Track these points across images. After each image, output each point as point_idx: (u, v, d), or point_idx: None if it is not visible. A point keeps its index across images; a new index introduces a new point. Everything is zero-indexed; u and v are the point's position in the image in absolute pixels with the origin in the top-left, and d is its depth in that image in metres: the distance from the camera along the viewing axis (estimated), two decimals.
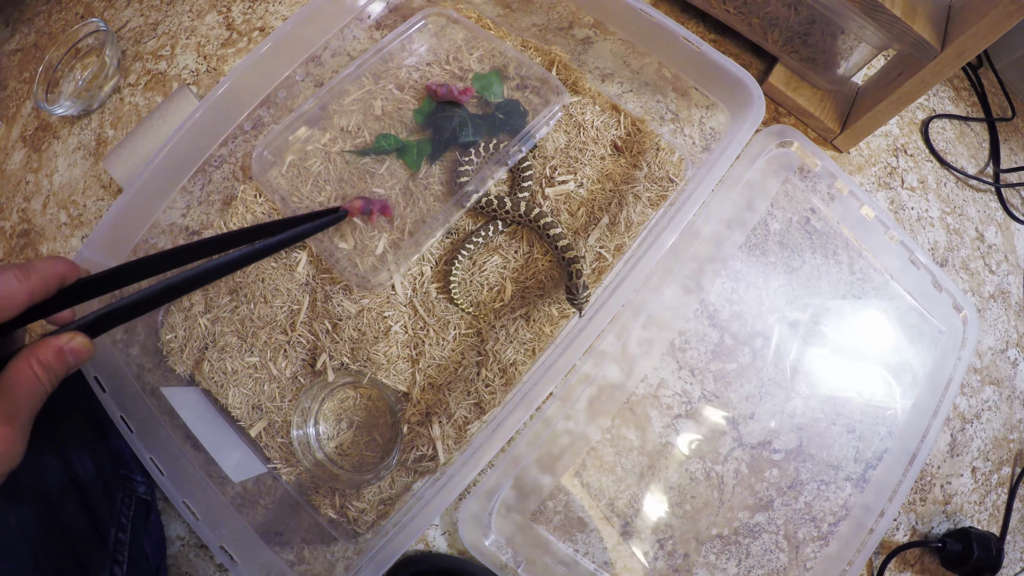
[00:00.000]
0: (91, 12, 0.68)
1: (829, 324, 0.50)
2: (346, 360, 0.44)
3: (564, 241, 0.41)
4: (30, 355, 0.24)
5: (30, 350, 0.25)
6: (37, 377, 0.24)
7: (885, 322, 0.52)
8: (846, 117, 0.54)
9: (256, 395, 0.46)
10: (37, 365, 0.24)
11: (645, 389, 0.45)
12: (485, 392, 0.42)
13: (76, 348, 0.26)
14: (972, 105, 0.67)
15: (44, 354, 0.25)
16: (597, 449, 0.45)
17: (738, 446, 0.46)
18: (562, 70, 0.48)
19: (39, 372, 0.24)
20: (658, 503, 0.45)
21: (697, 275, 0.47)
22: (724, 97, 0.43)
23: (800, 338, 0.49)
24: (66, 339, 0.26)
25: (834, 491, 0.49)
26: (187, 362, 0.47)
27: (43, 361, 0.25)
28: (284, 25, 0.47)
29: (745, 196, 0.49)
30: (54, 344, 0.25)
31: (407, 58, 0.48)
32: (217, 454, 0.45)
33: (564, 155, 0.45)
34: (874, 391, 0.50)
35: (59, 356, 0.25)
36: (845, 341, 0.50)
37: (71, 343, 0.26)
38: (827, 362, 0.49)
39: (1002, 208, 0.63)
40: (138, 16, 0.66)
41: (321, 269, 0.45)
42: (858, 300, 0.51)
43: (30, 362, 0.24)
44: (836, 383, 0.49)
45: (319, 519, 0.46)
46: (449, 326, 0.42)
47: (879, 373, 0.51)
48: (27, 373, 0.24)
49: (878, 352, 0.51)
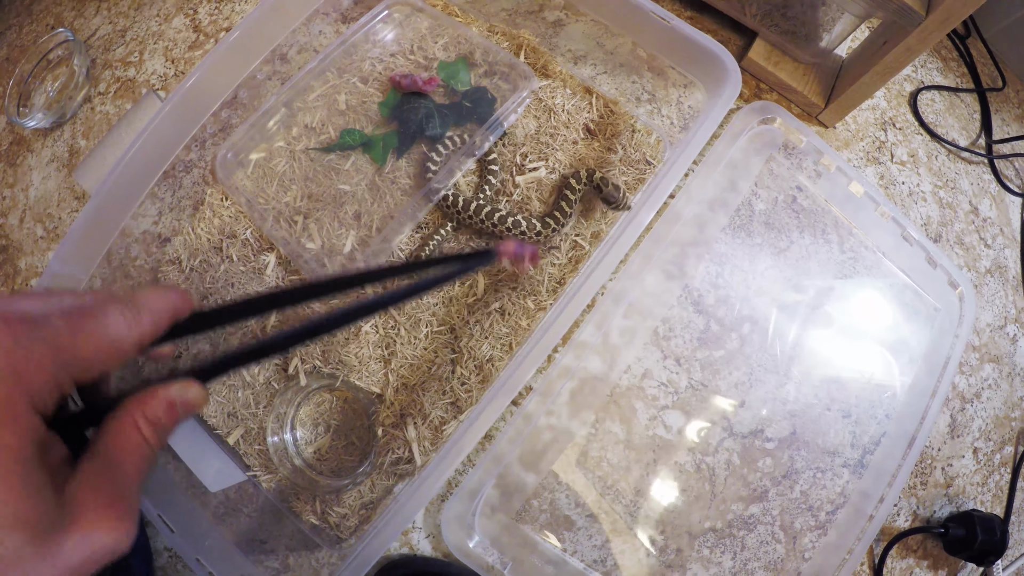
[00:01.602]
0: (61, 22, 0.65)
1: (820, 306, 0.46)
2: (318, 363, 0.41)
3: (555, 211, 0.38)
4: (136, 411, 0.18)
5: (135, 406, 0.19)
6: (146, 441, 0.18)
7: (879, 302, 0.48)
8: (831, 91, 0.50)
9: (231, 402, 0.43)
10: (145, 425, 0.18)
11: (629, 380, 0.42)
12: (461, 391, 0.39)
13: (190, 401, 0.20)
14: (961, 76, 0.62)
15: (153, 410, 0.19)
16: (581, 444, 0.42)
17: (729, 436, 0.43)
18: (531, 54, 0.44)
19: (147, 434, 0.18)
20: (648, 498, 0.42)
21: (680, 260, 0.44)
22: (699, 74, 0.40)
23: (790, 321, 0.45)
24: (178, 390, 0.19)
25: (831, 478, 0.45)
26: (162, 371, 0.45)
27: (152, 419, 0.19)
28: (243, 22, 0.43)
29: (727, 176, 0.46)
30: (164, 397, 0.19)
31: (371, 50, 0.45)
32: (196, 464, 0.42)
33: (535, 141, 0.42)
34: (870, 374, 0.47)
35: (171, 411, 0.19)
36: (838, 323, 0.47)
37: (185, 395, 0.19)
38: (820, 346, 0.46)
39: (996, 180, 0.59)
40: (107, 23, 0.63)
41: (290, 271, 0.42)
42: (850, 280, 0.48)
43: (136, 422, 0.18)
44: (830, 367, 0.46)
45: (301, 526, 0.43)
46: (420, 324, 0.39)
47: (874, 355, 0.47)
48: (135, 437, 0.18)
49: (873, 333, 0.47)
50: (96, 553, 0.17)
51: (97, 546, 0.17)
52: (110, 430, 0.18)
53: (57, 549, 0.16)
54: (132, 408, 0.19)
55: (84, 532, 0.17)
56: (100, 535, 0.17)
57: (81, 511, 0.17)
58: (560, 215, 0.39)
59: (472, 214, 0.39)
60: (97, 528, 0.17)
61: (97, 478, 0.18)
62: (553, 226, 0.39)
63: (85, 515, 0.17)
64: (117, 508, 0.17)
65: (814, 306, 0.46)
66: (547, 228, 0.39)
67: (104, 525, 0.17)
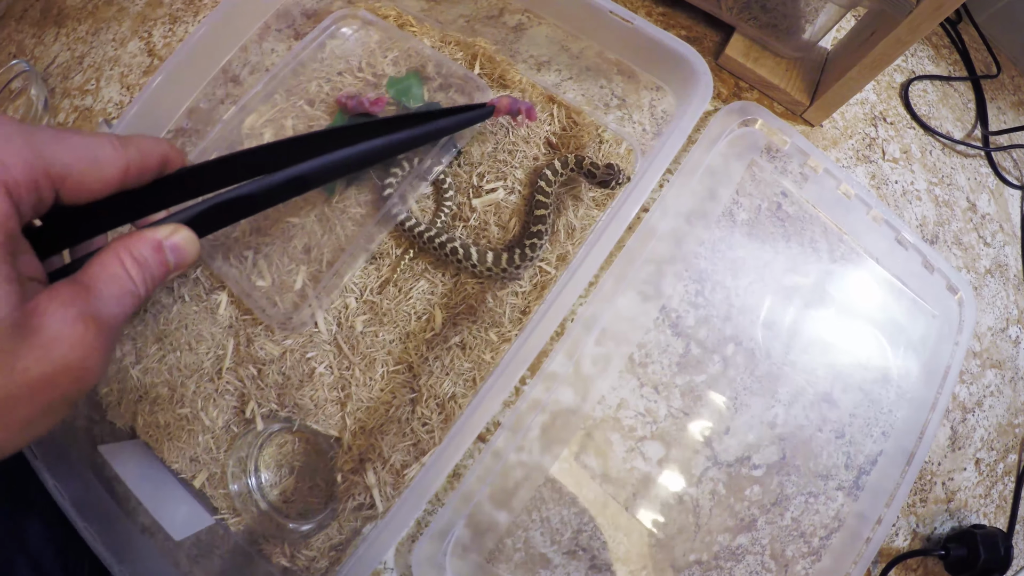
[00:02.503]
0: (23, 50, 0.61)
1: (810, 320, 0.42)
2: (274, 407, 0.37)
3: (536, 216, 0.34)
4: (121, 248, 0.17)
5: (120, 243, 0.17)
6: (129, 275, 0.17)
7: (872, 313, 0.43)
8: (815, 87, 0.45)
9: (192, 447, 0.40)
10: (130, 260, 0.17)
11: (603, 411, 0.38)
12: (422, 431, 0.35)
13: (179, 244, 0.18)
14: (954, 63, 0.56)
15: (138, 248, 0.17)
16: (555, 480, 0.38)
17: (713, 465, 0.39)
18: (486, 63, 0.39)
19: (131, 269, 0.17)
20: (627, 533, 0.38)
21: (655, 279, 0.39)
22: (667, 77, 0.35)
23: (777, 339, 0.41)
24: (166, 232, 0.18)
25: (824, 503, 0.41)
26: (125, 415, 0.41)
27: (137, 257, 0.17)
28: (185, 43, 0.39)
29: (706, 184, 0.41)
30: (151, 237, 0.18)
31: (318, 69, 0.41)
32: (161, 511, 0.39)
33: (492, 159, 0.37)
34: (865, 390, 0.42)
35: (157, 252, 0.18)
36: (829, 337, 0.42)
37: (173, 237, 0.18)
38: (810, 362, 0.41)
39: (994, 173, 0.53)
40: (65, 50, 0.59)
41: (243, 310, 0.38)
42: (840, 290, 0.43)
43: (120, 256, 0.17)
44: (821, 385, 0.41)
45: (272, 569, 0.40)
46: (376, 363, 0.35)
47: (869, 369, 0.43)
48: (117, 269, 0.17)
49: (867, 346, 0.43)
50: (58, 372, 0.14)
51: (59, 363, 0.14)
52: (92, 263, 0.17)
53: (12, 358, 0.14)
54: (118, 244, 0.17)
55: (45, 345, 0.14)
56: (63, 350, 0.14)
57: (44, 322, 0.14)
58: (537, 237, 0.34)
59: (426, 242, 0.35)
60: (60, 342, 0.14)
61: (70, 296, 0.15)
62: (530, 256, 0.34)
63: (50, 326, 0.14)
64: (87, 326, 0.15)
65: (802, 321, 0.41)
66: (524, 260, 0.34)
67: (69, 340, 0.15)
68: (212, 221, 0.19)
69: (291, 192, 0.21)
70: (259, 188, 0.20)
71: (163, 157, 0.19)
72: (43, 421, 0.15)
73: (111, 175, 0.17)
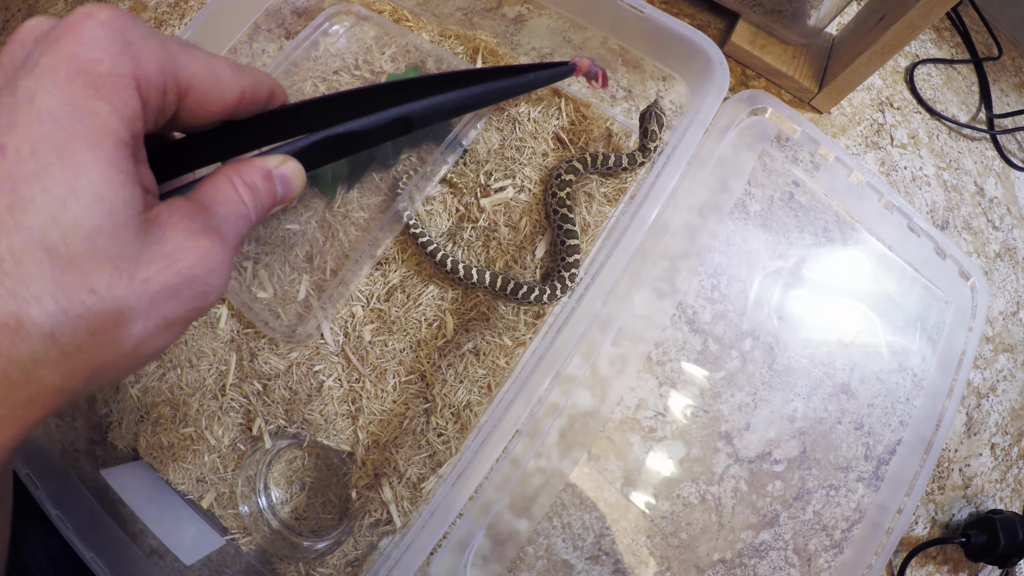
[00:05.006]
0: None
1: (826, 311, 0.41)
2: (282, 423, 0.36)
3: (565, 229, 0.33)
4: (232, 172, 0.17)
5: (232, 167, 0.17)
6: (241, 199, 0.17)
7: (886, 301, 0.43)
8: (823, 73, 0.44)
9: (197, 468, 0.38)
10: (242, 185, 0.17)
11: (622, 413, 0.37)
12: (438, 442, 0.34)
13: (287, 175, 0.18)
14: (956, 46, 0.56)
15: (250, 174, 0.17)
16: (575, 485, 0.37)
17: (734, 462, 0.38)
18: (488, 57, 0.38)
19: (244, 194, 0.17)
20: (650, 535, 0.37)
21: (670, 275, 0.38)
22: (680, 67, 0.34)
23: (795, 332, 0.40)
24: (276, 161, 0.18)
25: (845, 495, 0.41)
26: (127, 437, 0.40)
27: (248, 182, 0.17)
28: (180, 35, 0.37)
29: (717, 176, 0.40)
30: (261, 165, 0.17)
31: (312, 68, 0.39)
32: (169, 535, 0.37)
33: (499, 157, 0.36)
34: (881, 379, 0.42)
35: (267, 180, 0.17)
36: (845, 328, 0.41)
37: (282, 167, 0.18)
38: (827, 354, 0.41)
39: (1000, 156, 0.53)
40: None
41: (244, 323, 0.37)
42: (856, 280, 0.42)
43: (233, 180, 0.17)
44: (839, 376, 0.41)
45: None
46: (387, 374, 0.34)
47: (886, 359, 0.42)
48: (230, 191, 0.16)
49: (883, 336, 0.42)
50: (180, 284, 0.14)
51: (183, 275, 0.14)
52: (202, 185, 0.16)
53: (132, 264, 0.13)
54: (230, 169, 0.17)
55: (168, 255, 0.14)
56: (187, 261, 0.14)
57: (168, 232, 0.14)
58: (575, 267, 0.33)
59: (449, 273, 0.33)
60: (186, 253, 0.14)
61: (191, 210, 0.15)
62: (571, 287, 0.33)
63: (172, 237, 0.14)
64: (208, 238, 0.15)
65: (818, 313, 0.41)
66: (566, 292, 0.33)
67: (192, 252, 0.14)
68: (317, 156, 0.19)
69: (394, 132, 0.21)
70: (365, 126, 0.20)
71: (271, 89, 0.18)
72: (157, 340, 0.14)
73: (229, 96, 0.17)
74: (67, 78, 0.13)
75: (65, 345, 0.12)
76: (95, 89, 0.13)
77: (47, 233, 0.12)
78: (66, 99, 0.12)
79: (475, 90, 0.23)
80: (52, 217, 0.12)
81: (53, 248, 0.12)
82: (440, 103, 0.22)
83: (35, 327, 0.12)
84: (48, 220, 0.12)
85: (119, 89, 0.13)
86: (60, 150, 0.12)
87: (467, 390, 0.34)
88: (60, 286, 0.12)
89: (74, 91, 0.12)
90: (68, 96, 0.12)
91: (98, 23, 0.13)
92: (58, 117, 0.12)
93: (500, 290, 0.33)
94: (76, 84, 0.13)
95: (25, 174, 0.12)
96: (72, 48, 0.13)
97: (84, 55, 0.13)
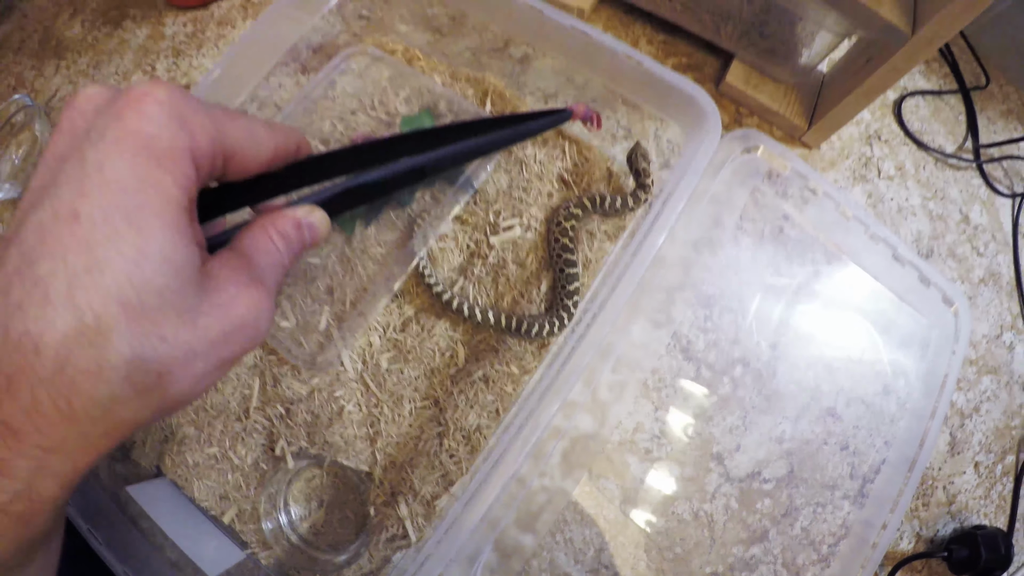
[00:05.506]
0: (22, 83, 0.61)
1: (813, 339, 0.44)
2: (304, 444, 0.38)
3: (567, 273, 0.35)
4: (268, 224, 0.18)
5: (267, 219, 0.19)
6: (277, 248, 0.18)
7: (873, 329, 0.45)
8: (813, 111, 0.47)
9: (221, 485, 0.41)
10: (276, 235, 0.18)
11: (621, 436, 0.40)
12: (451, 463, 0.36)
13: (314, 223, 0.20)
14: (944, 76, 0.58)
15: (282, 225, 0.19)
16: (577, 503, 0.39)
17: (725, 481, 0.41)
18: (497, 100, 0.41)
19: (279, 244, 0.18)
20: (646, 550, 0.40)
21: (666, 306, 0.41)
22: (676, 114, 0.36)
23: (782, 359, 0.43)
24: (304, 211, 0.19)
25: (831, 512, 0.43)
26: (150, 455, 0.43)
27: (282, 232, 0.18)
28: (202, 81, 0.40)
29: (711, 213, 0.43)
30: (291, 215, 0.19)
31: (330, 107, 0.41)
32: (193, 548, 0.40)
33: (507, 197, 0.38)
34: (867, 402, 0.44)
35: (298, 230, 0.19)
36: (831, 354, 0.44)
37: (310, 216, 0.19)
38: (814, 379, 0.43)
39: (985, 184, 0.55)
40: (67, 84, 0.59)
41: (267, 350, 0.39)
42: (842, 309, 0.45)
43: (269, 232, 0.18)
44: (825, 400, 0.43)
45: None
46: (404, 400, 0.37)
47: (871, 383, 0.45)
48: (268, 242, 0.18)
49: (868, 361, 0.45)
50: (235, 330, 0.16)
51: (237, 321, 0.16)
52: (243, 236, 0.18)
53: (195, 315, 0.15)
54: (265, 221, 0.19)
55: (224, 305, 0.16)
56: (239, 310, 0.16)
57: (221, 284, 0.16)
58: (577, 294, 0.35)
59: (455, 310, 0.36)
60: (236, 303, 0.16)
61: (238, 263, 0.17)
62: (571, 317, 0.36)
63: (225, 288, 0.16)
64: (256, 289, 0.17)
65: (807, 340, 0.43)
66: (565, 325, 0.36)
67: (243, 302, 0.16)
68: (341, 204, 0.21)
69: (409, 181, 0.23)
70: (382, 176, 0.22)
71: (298, 143, 0.20)
72: (214, 375, 0.16)
73: (265, 155, 0.18)
74: (133, 152, 0.14)
75: (138, 385, 0.14)
76: (157, 162, 0.14)
77: (123, 291, 0.13)
78: (132, 171, 0.14)
79: (482, 140, 0.25)
80: (127, 277, 0.13)
81: (128, 304, 0.13)
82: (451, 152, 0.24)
83: (114, 371, 0.13)
84: (124, 280, 0.13)
85: (178, 161, 0.15)
86: (130, 217, 0.14)
87: (477, 415, 0.37)
88: (135, 335, 0.14)
89: (139, 163, 0.14)
90: (134, 168, 0.14)
91: (156, 102, 0.15)
92: (126, 187, 0.14)
93: (507, 328, 0.36)
94: (141, 157, 0.14)
95: (99, 238, 0.13)
96: (135, 124, 0.14)
97: (147, 131, 0.14)
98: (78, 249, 0.13)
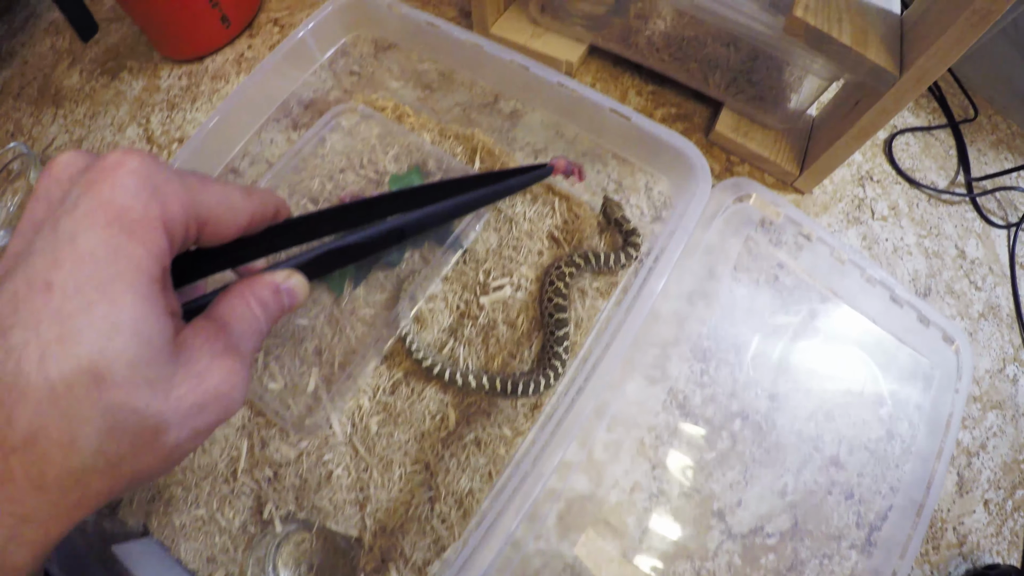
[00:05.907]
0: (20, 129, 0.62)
1: (812, 388, 0.43)
2: (292, 508, 0.37)
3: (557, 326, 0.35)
4: (245, 290, 0.18)
5: (244, 285, 0.19)
6: (255, 315, 0.18)
7: (873, 372, 0.45)
8: (804, 156, 0.47)
9: (208, 547, 0.40)
10: (254, 301, 0.18)
11: (618, 495, 0.39)
12: (442, 528, 0.36)
13: (293, 288, 0.20)
14: (932, 111, 0.59)
15: (260, 290, 0.19)
16: (574, 566, 0.38)
17: (727, 538, 0.40)
18: (486, 156, 0.41)
19: (256, 309, 0.18)
20: None
21: (661, 362, 0.40)
22: (665, 169, 0.36)
23: (782, 411, 0.42)
24: (283, 276, 0.19)
25: (838, 563, 0.42)
26: (137, 514, 0.42)
27: (260, 298, 0.18)
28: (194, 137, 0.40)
29: (704, 264, 0.42)
30: (270, 281, 0.19)
31: (319, 166, 0.42)
32: None
33: (497, 256, 0.38)
34: (870, 449, 0.43)
35: (276, 294, 0.19)
36: (832, 401, 0.43)
37: (288, 281, 0.19)
38: (815, 428, 0.42)
39: (980, 217, 0.55)
40: (63, 133, 0.59)
41: (255, 411, 0.39)
42: (841, 355, 0.44)
43: (247, 298, 0.18)
44: (828, 449, 0.43)
45: None
46: (394, 464, 0.36)
47: (873, 428, 0.44)
48: (245, 309, 0.18)
49: (870, 406, 0.44)
50: (208, 400, 0.15)
51: (211, 393, 0.16)
52: (220, 301, 0.18)
53: (169, 386, 0.15)
54: (243, 287, 0.18)
55: (198, 375, 0.16)
56: (213, 381, 0.16)
57: (195, 355, 0.16)
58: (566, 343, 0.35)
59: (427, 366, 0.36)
60: (212, 373, 0.16)
61: (213, 331, 0.17)
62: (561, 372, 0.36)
63: (198, 359, 0.16)
64: (231, 358, 0.17)
65: (806, 390, 0.43)
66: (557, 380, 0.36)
67: (217, 372, 0.16)
68: (323, 266, 0.21)
69: (389, 242, 0.23)
70: (360, 239, 0.22)
71: (276, 207, 0.20)
72: (188, 445, 0.16)
73: (241, 221, 0.18)
74: (105, 223, 0.14)
75: (111, 456, 0.14)
76: (129, 233, 0.14)
77: (95, 363, 0.13)
78: (105, 242, 0.14)
79: (461, 199, 0.25)
80: (99, 349, 0.13)
81: (100, 376, 0.13)
82: (430, 213, 0.24)
83: (86, 442, 0.13)
84: (96, 352, 0.13)
85: (150, 231, 0.15)
86: (102, 288, 0.14)
87: (469, 478, 0.36)
88: (107, 407, 0.13)
89: (111, 235, 0.14)
90: (106, 239, 0.14)
91: (129, 172, 0.15)
92: (98, 259, 0.14)
93: (499, 391, 0.35)
94: (113, 228, 0.14)
95: (71, 310, 0.13)
96: (108, 195, 0.14)
97: (119, 201, 0.14)
98: (51, 320, 0.13)
